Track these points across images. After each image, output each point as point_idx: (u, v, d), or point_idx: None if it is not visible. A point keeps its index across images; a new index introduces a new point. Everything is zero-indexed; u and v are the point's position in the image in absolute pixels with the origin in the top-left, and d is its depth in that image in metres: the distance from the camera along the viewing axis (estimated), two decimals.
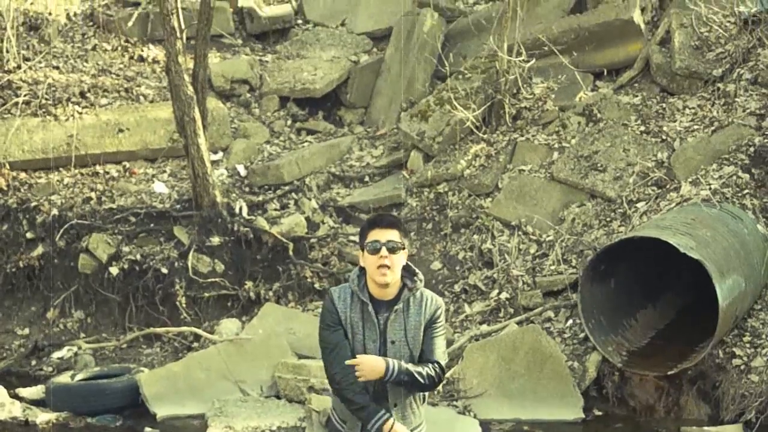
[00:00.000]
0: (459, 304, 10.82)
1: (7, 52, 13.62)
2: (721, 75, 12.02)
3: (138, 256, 11.91)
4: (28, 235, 12.48)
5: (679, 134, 11.52)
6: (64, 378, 10.15)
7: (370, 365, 4.85)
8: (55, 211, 12.50)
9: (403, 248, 4.95)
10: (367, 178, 13.03)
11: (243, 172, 13.18)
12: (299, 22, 15.60)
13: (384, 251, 4.85)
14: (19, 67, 13.67)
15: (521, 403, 9.25)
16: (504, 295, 10.61)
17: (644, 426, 8.97)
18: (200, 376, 10.02)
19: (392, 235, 4.92)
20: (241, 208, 12.19)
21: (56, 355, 11.49)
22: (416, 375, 4.88)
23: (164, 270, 11.76)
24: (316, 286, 11.50)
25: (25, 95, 13.37)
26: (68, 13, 14.79)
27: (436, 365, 4.97)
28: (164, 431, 9.21)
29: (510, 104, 12.57)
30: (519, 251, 11.04)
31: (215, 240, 11.89)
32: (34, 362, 11.51)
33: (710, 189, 10.41)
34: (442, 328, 5.05)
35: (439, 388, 9.47)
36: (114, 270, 11.90)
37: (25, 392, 10.27)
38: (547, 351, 9.43)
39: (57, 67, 14.01)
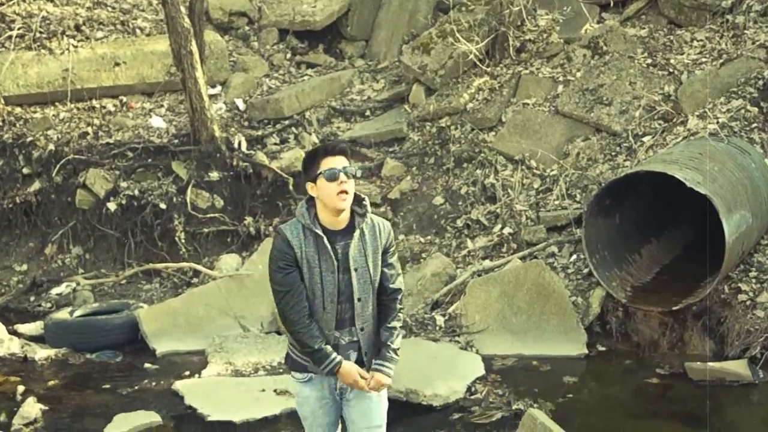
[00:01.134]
0: (461, 240, 10.72)
1: None
2: (730, 6, 11.81)
3: (136, 192, 11.80)
4: (25, 170, 12.38)
5: (686, 67, 11.33)
6: (63, 314, 10.09)
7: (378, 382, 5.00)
8: (51, 147, 12.39)
9: (357, 174, 4.96)
10: (368, 112, 12.90)
11: (242, 106, 13.03)
12: None
13: (343, 177, 4.81)
14: None
15: (524, 339, 9.19)
16: (507, 231, 10.50)
17: (648, 362, 8.90)
18: (200, 312, 9.96)
19: (344, 161, 4.90)
20: (240, 143, 12.06)
21: (55, 291, 11.43)
22: (400, 337, 5.10)
23: (163, 205, 11.66)
24: None
25: (18, 28, 13.18)
26: None
27: (400, 299, 5.09)
28: (164, 367, 9.14)
29: (514, 37, 12.36)
30: (522, 186, 10.92)
31: (214, 175, 11.78)
32: (32, 298, 11.46)
33: (718, 123, 10.26)
34: (395, 252, 5.11)
35: (441, 323, 9.43)
36: (112, 205, 11.80)
37: (23, 328, 10.22)
38: (550, 286, 9.34)
39: (51, 0, 13.76)
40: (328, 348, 4.87)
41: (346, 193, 4.81)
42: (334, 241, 4.88)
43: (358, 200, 4.98)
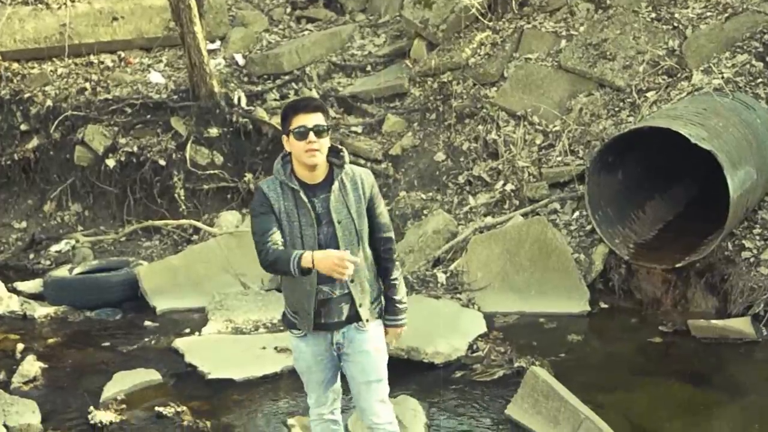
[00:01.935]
0: (463, 196, 10.64)
1: None
2: None
3: (135, 148, 11.73)
4: (23, 127, 12.32)
5: (691, 21, 11.18)
6: (62, 271, 10.05)
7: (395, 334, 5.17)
8: (49, 103, 12.30)
9: (329, 130, 4.85)
10: (369, 68, 12.78)
11: (241, 61, 12.91)
12: None
13: (311, 136, 4.73)
14: None
15: (526, 296, 9.14)
16: (509, 187, 10.42)
17: (650, 319, 8.85)
18: (200, 269, 9.92)
19: (317, 119, 4.79)
20: (239, 99, 11.96)
21: (54, 248, 11.39)
22: (403, 285, 5.18)
23: (162, 162, 11.59)
24: None
25: None
26: None
27: (393, 248, 5.08)
28: (164, 325, 9.12)
29: None
30: (525, 142, 10.82)
31: (213, 131, 11.69)
32: (31, 256, 11.43)
33: (722, 78, 10.14)
34: (381, 200, 5.05)
35: (443, 281, 9.37)
36: (111, 162, 11.73)
37: (23, 286, 10.19)
38: (552, 243, 9.28)
39: None
40: (287, 250, 4.68)
41: (317, 150, 4.74)
42: (313, 195, 4.83)
43: (335, 152, 4.92)
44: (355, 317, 4.95)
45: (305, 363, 5.10)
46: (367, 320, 4.96)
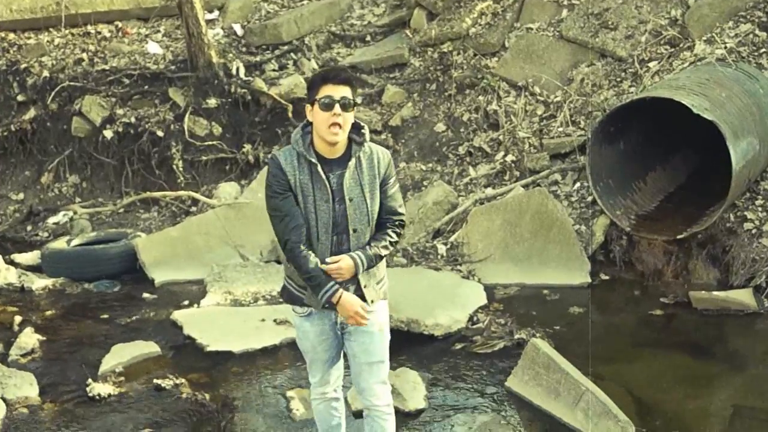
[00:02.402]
0: (463, 167, 10.58)
1: None
2: None
3: (132, 119, 11.66)
4: (19, 97, 12.24)
5: None
6: (60, 243, 10.00)
7: (345, 268, 4.73)
8: (46, 73, 12.22)
9: (355, 106, 4.73)
10: (368, 38, 12.68)
11: (239, 31, 12.81)
12: None
13: (337, 108, 4.61)
14: None
15: (526, 268, 9.10)
16: (510, 158, 10.36)
17: (651, 291, 8.82)
18: (199, 241, 9.87)
19: (345, 91, 4.67)
20: (238, 69, 11.87)
21: (52, 220, 11.34)
22: (384, 250, 4.85)
23: (160, 133, 11.52)
24: None
25: None
26: None
27: (398, 222, 4.93)
28: (162, 297, 9.08)
29: None
30: (526, 112, 10.75)
31: (212, 102, 11.61)
32: (29, 228, 11.38)
33: (725, 48, 10.05)
34: (395, 180, 4.92)
35: (443, 252, 9.33)
36: (108, 133, 11.66)
37: (20, 258, 10.15)
38: (553, 215, 9.23)
39: None
40: (327, 277, 4.71)
41: (339, 126, 4.62)
42: (330, 170, 4.71)
43: (356, 128, 4.80)
44: (360, 298, 4.86)
45: (309, 343, 5.05)
46: (372, 301, 4.88)
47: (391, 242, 4.88)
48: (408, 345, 7.41)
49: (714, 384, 6.97)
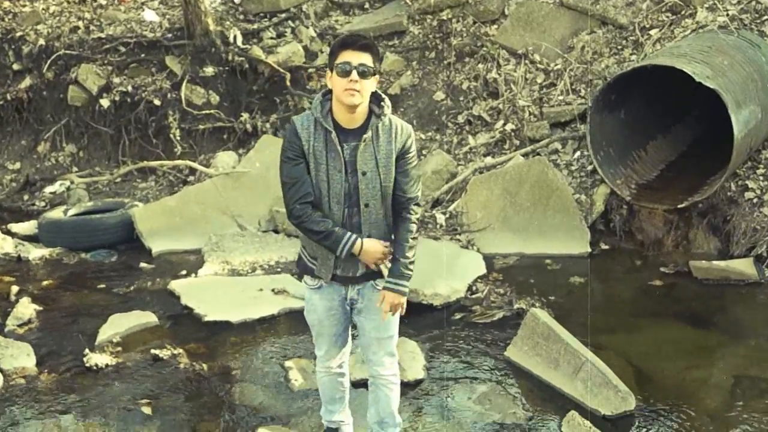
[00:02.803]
0: (463, 136, 10.51)
1: None
2: None
3: (129, 88, 11.55)
4: (15, 66, 12.13)
5: None
6: (57, 213, 9.93)
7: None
8: (41, 41, 12.10)
9: (375, 74, 4.61)
10: (367, 5, 12.58)
11: None
12: None
13: (354, 75, 4.50)
14: None
15: (526, 237, 9.06)
16: (509, 127, 10.29)
17: (652, 260, 8.79)
18: (196, 210, 9.81)
19: (365, 58, 4.55)
20: (235, 37, 11.76)
21: (48, 189, 11.27)
22: (414, 249, 4.87)
23: (157, 102, 11.42)
24: None
25: None
26: None
27: (414, 209, 4.84)
28: (159, 266, 9.03)
29: None
30: (525, 81, 10.67)
31: (209, 70, 11.51)
32: (26, 197, 11.31)
33: (727, 15, 9.98)
34: (414, 158, 4.78)
35: (442, 222, 9.28)
36: (105, 102, 11.56)
37: (17, 228, 10.08)
38: (553, 184, 9.18)
39: None
40: (340, 229, 4.62)
41: (356, 91, 4.50)
42: (345, 140, 4.61)
43: (377, 100, 4.69)
44: (372, 275, 4.81)
45: (316, 316, 4.98)
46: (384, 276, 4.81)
47: (415, 235, 4.87)
48: (407, 315, 7.36)
49: (714, 354, 6.95)
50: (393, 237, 4.84)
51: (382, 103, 4.69)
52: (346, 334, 5.09)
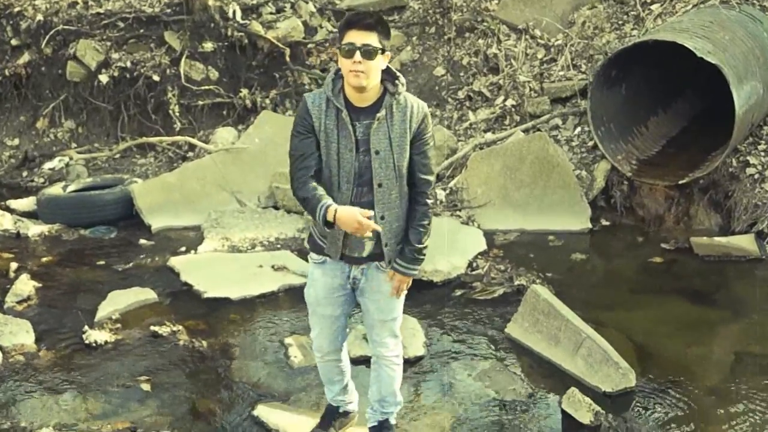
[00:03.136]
0: (463, 112, 10.47)
1: None
2: None
3: (128, 63, 11.49)
4: (13, 42, 12.06)
5: None
6: (56, 189, 9.90)
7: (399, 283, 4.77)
8: (39, 17, 12.02)
9: (382, 52, 4.46)
10: None
11: None
12: None
13: (358, 56, 4.38)
14: None
15: (526, 213, 9.04)
16: (510, 102, 10.24)
17: (652, 236, 8.77)
18: (195, 186, 9.78)
19: (369, 38, 4.41)
20: (234, 12, 11.68)
21: (47, 165, 11.23)
22: (428, 236, 4.75)
23: (156, 77, 11.36)
24: None
25: None
26: None
27: (428, 196, 4.70)
28: (159, 243, 9.00)
29: None
30: (526, 56, 10.62)
31: (208, 46, 11.45)
32: (25, 173, 11.27)
33: None
34: (430, 138, 4.67)
35: (442, 198, 9.26)
36: (104, 78, 11.50)
37: (16, 204, 10.05)
38: (554, 160, 9.14)
39: None
40: (321, 195, 4.48)
41: (361, 71, 4.39)
42: (357, 119, 4.52)
43: (392, 76, 4.59)
44: (378, 256, 4.74)
45: (314, 292, 4.91)
46: (390, 261, 4.74)
47: (428, 222, 4.73)
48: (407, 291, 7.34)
49: (715, 330, 6.95)
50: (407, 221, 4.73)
51: (397, 81, 4.58)
52: (341, 321, 4.99)
